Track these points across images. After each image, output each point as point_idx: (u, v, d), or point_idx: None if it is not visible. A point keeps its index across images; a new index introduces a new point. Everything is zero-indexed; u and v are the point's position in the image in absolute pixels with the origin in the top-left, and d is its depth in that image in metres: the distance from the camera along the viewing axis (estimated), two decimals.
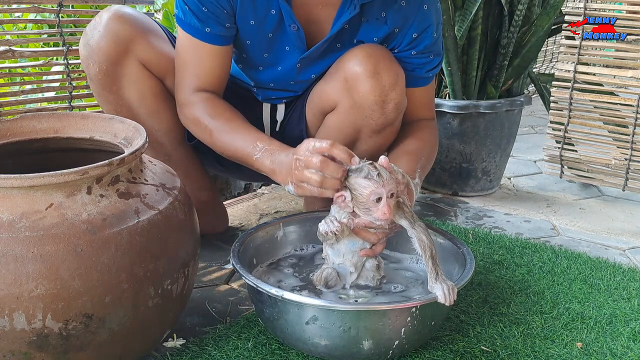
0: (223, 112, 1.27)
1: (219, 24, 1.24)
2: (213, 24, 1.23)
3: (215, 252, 1.52)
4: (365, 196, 1.01)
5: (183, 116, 1.32)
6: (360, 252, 1.11)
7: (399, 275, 1.22)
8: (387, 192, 1.01)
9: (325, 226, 1.07)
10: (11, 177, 0.84)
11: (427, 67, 1.33)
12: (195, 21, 1.23)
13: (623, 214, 1.90)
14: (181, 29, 1.26)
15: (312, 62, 1.34)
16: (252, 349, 1.09)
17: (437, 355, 1.08)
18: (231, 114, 1.28)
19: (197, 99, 1.29)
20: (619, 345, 1.13)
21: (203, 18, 1.23)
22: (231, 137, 1.23)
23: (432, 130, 1.39)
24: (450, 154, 1.99)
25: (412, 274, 1.22)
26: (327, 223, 1.07)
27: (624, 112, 1.89)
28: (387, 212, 1.01)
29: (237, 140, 1.22)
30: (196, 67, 1.28)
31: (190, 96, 1.29)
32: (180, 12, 1.25)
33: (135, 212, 0.91)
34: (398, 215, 1.05)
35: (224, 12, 1.23)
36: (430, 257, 1.02)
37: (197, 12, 1.22)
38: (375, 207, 1.02)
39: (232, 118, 1.26)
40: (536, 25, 1.92)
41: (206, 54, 1.27)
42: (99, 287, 0.86)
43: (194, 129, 1.31)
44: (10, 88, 1.63)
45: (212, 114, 1.26)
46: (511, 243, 1.57)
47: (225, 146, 1.25)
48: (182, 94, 1.31)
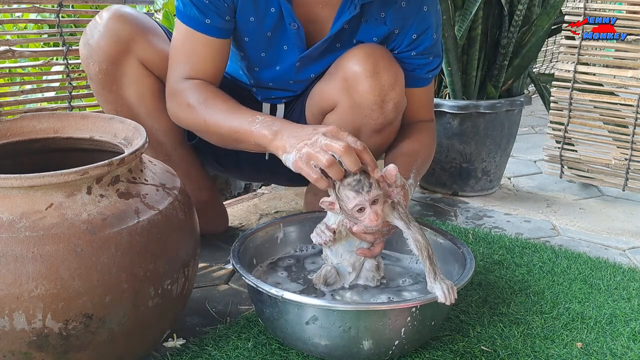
0: (217, 94, 1.23)
1: (219, 16, 1.24)
2: (213, 15, 1.23)
3: (215, 252, 1.52)
4: (350, 208, 1.02)
5: (173, 105, 1.27)
6: (357, 250, 1.11)
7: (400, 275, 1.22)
8: (369, 200, 1.00)
9: (318, 238, 1.09)
10: (11, 177, 0.84)
11: (426, 68, 1.33)
12: (195, 12, 1.22)
13: (623, 214, 1.90)
14: (179, 22, 1.25)
15: (312, 61, 1.34)
16: (252, 349, 1.09)
17: (437, 355, 1.08)
18: (226, 96, 1.23)
19: (188, 85, 1.24)
20: (619, 345, 1.13)
21: (203, 9, 1.22)
22: (227, 116, 1.17)
23: (430, 131, 1.39)
24: (450, 154, 1.99)
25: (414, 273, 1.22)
26: (319, 234, 1.08)
27: (624, 112, 1.89)
28: (374, 219, 1.01)
29: (234, 119, 1.16)
30: (190, 57, 1.25)
31: (181, 83, 1.25)
32: (180, 4, 1.24)
33: (135, 212, 0.91)
34: (393, 217, 1.05)
35: (224, 4, 1.23)
36: (427, 257, 1.02)
37: (198, 3, 1.22)
38: (362, 216, 1.02)
39: (227, 100, 1.22)
40: (536, 25, 1.92)
41: (202, 45, 1.25)
42: (99, 287, 0.86)
43: (186, 116, 1.24)
44: (10, 88, 1.63)
45: (206, 97, 1.21)
46: (511, 243, 1.57)
47: (220, 125, 1.18)
48: (172, 84, 1.26)
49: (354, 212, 1.02)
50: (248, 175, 1.65)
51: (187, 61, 1.26)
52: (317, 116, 1.37)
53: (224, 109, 1.19)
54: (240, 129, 1.15)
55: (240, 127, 1.15)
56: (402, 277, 1.21)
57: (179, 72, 1.26)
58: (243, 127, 1.14)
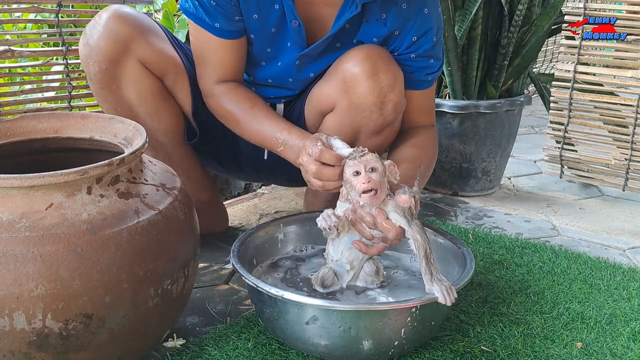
0: (243, 101, 1.32)
1: (227, 19, 1.25)
2: (222, 19, 1.25)
3: (215, 252, 1.52)
4: (348, 176, 1.05)
5: (209, 106, 1.38)
6: (353, 242, 1.11)
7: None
8: (365, 166, 1.03)
9: (323, 222, 1.08)
10: (11, 177, 0.84)
11: (426, 70, 1.33)
12: (205, 16, 1.25)
13: (623, 214, 1.90)
14: (193, 22, 1.28)
15: (311, 60, 1.34)
16: (252, 349, 1.08)
17: (437, 355, 1.08)
18: (251, 102, 1.32)
19: (218, 91, 1.33)
20: (619, 345, 1.13)
21: (213, 13, 1.24)
22: (254, 129, 1.30)
23: (431, 137, 1.38)
24: (450, 154, 1.99)
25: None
26: (325, 219, 1.08)
27: (624, 112, 1.90)
28: (366, 180, 1.03)
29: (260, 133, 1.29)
30: (212, 60, 1.31)
31: (213, 88, 1.34)
32: (191, 7, 1.26)
33: (135, 212, 0.91)
34: (396, 214, 1.05)
35: (230, 4, 1.24)
36: (425, 257, 1.01)
37: (207, 6, 1.24)
38: (356, 180, 1.04)
39: (251, 107, 1.31)
40: (536, 25, 1.92)
41: (219, 47, 1.29)
42: (99, 287, 0.86)
43: (222, 120, 1.37)
44: (10, 88, 1.63)
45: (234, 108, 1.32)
46: (511, 243, 1.57)
47: (251, 138, 1.32)
48: (205, 86, 1.36)
49: (351, 178, 1.04)
50: (248, 175, 1.65)
51: (210, 65, 1.32)
52: (316, 117, 1.37)
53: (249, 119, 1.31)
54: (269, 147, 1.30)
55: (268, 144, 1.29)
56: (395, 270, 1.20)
57: (207, 75, 1.34)
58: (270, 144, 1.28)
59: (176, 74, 1.40)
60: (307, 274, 1.20)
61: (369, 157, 1.05)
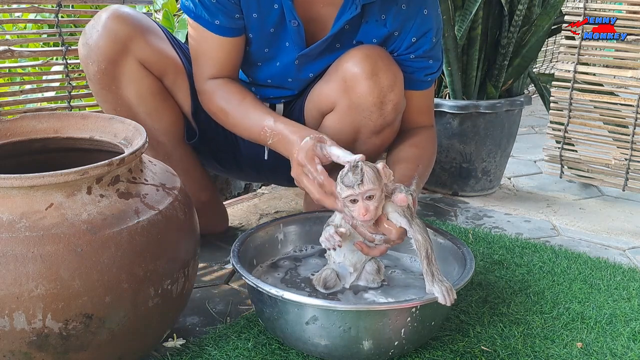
0: (232, 96, 1.31)
1: (228, 16, 1.25)
2: (222, 16, 1.25)
3: (215, 252, 1.52)
4: (344, 199, 1.02)
5: (202, 104, 1.38)
6: (355, 242, 1.10)
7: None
8: (362, 195, 1.00)
9: (327, 243, 1.09)
10: (11, 177, 0.84)
11: (425, 71, 1.33)
12: (205, 13, 1.25)
13: (623, 214, 1.90)
14: (192, 20, 1.28)
15: (311, 60, 1.34)
16: (252, 349, 1.08)
17: (437, 355, 1.08)
18: (241, 96, 1.31)
19: (210, 87, 1.33)
20: (619, 345, 1.13)
21: (213, 10, 1.24)
22: (243, 122, 1.29)
23: (430, 137, 1.38)
24: (450, 154, 1.99)
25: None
26: (328, 239, 1.08)
27: (624, 112, 1.89)
28: (363, 212, 1.01)
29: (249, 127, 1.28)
30: (208, 58, 1.31)
31: (204, 84, 1.33)
32: (191, 4, 1.26)
33: (135, 212, 0.91)
34: (397, 214, 1.05)
35: (231, 2, 1.24)
36: (426, 257, 1.01)
37: (207, 3, 1.24)
38: (353, 207, 1.02)
39: (240, 101, 1.30)
40: (536, 25, 1.92)
41: (217, 45, 1.29)
42: (99, 287, 0.86)
43: (213, 116, 1.36)
44: (10, 88, 1.63)
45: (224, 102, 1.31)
46: (511, 243, 1.57)
47: (241, 133, 1.32)
48: (198, 84, 1.35)
49: (347, 201, 1.02)
50: (248, 175, 1.65)
51: (206, 62, 1.32)
52: (316, 117, 1.37)
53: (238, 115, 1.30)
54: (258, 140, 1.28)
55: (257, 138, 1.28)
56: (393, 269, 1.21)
57: (201, 72, 1.33)
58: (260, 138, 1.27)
59: (175, 74, 1.40)
60: (307, 274, 1.20)
61: (366, 186, 0.99)
